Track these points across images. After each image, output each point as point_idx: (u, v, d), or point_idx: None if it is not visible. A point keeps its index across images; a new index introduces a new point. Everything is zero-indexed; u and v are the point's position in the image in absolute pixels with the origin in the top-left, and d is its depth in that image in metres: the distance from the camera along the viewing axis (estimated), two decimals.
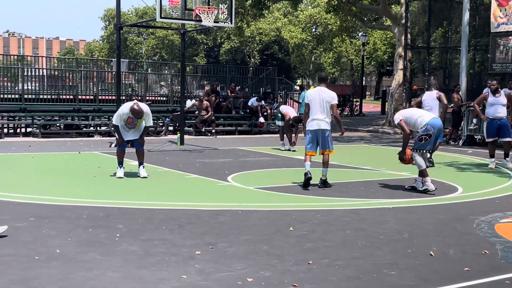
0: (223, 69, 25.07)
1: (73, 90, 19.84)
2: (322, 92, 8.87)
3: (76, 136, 17.49)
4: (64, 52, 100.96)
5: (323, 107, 8.84)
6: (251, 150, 14.66)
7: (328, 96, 8.85)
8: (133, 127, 9.66)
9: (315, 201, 7.95)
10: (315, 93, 8.90)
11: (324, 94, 8.85)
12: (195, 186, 9.03)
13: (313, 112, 8.89)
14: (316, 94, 8.88)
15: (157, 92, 23.18)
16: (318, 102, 8.83)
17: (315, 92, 8.93)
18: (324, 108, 8.85)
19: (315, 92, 8.94)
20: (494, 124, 11.78)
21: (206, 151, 14.35)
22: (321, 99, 8.83)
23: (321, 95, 8.84)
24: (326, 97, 8.84)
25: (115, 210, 7.00)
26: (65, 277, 4.49)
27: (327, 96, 8.84)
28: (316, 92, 8.92)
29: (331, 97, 8.87)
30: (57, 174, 9.91)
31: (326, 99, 8.83)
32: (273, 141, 16.85)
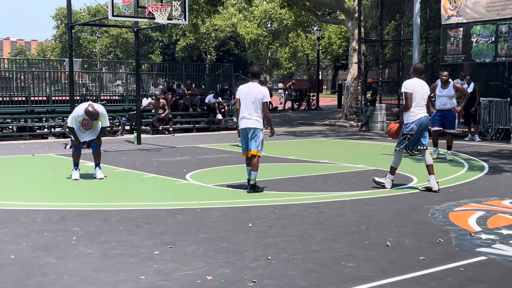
0: (179, 67, 24.94)
1: (25, 92, 19.36)
2: (253, 89, 8.26)
3: (30, 139, 17.11)
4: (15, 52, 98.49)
5: (255, 104, 8.22)
6: (209, 147, 14.62)
7: (259, 93, 8.23)
8: (89, 129, 9.51)
9: (274, 196, 7.99)
10: (246, 89, 8.29)
11: (255, 91, 8.24)
12: (153, 185, 8.96)
13: (243, 109, 8.31)
14: (247, 90, 8.27)
15: (112, 91, 22.86)
16: (249, 99, 8.22)
17: (246, 88, 8.32)
18: (255, 106, 8.22)
19: (246, 88, 8.32)
20: (439, 114, 11.93)
21: (164, 149, 14.24)
22: (252, 95, 8.23)
23: (252, 92, 8.24)
24: (257, 93, 8.22)
25: (71, 212, 6.88)
26: (20, 283, 4.39)
27: (258, 93, 8.22)
28: (247, 88, 8.31)
29: (262, 94, 8.25)
30: (11, 177, 9.67)
31: (257, 96, 8.22)
32: (231, 138, 16.85)
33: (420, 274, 4.64)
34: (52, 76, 20.57)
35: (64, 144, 14.94)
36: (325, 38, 51.20)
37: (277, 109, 33.32)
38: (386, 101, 21.94)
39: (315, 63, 52.97)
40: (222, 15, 57.42)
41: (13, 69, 21.58)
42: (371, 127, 20.39)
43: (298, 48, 57.77)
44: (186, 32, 55.02)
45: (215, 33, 60.07)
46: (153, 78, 24.09)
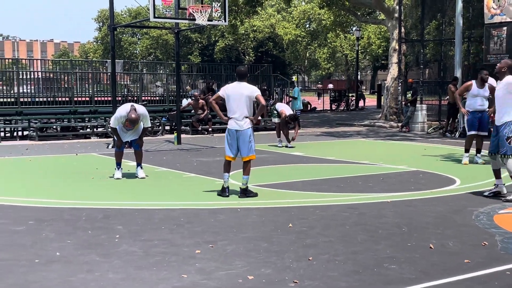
0: (218, 67, 25.06)
1: (69, 92, 19.79)
2: (241, 88, 7.93)
3: (73, 138, 17.45)
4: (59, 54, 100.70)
5: (245, 102, 7.89)
6: None
7: (246, 90, 7.91)
8: (131, 129, 9.64)
9: (314, 197, 7.95)
10: (233, 89, 7.95)
11: (243, 90, 7.91)
12: (194, 185, 9.02)
13: (232, 109, 7.91)
14: (235, 90, 7.93)
15: (152, 92, 23.16)
16: (238, 98, 7.87)
17: (232, 88, 7.98)
18: (245, 104, 7.89)
19: (233, 87, 7.98)
20: (476, 117, 11.12)
21: (203, 149, 14.33)
22: (240, 94, 7.88)
23: (239, 91, 7.90)
24: (245, 91, 7.90)
25: (114, 211, 6.99)
26: (65, 280, 4.48)
27: (246, 91, 7.90)
28: (234, 87, 7.97)
29: (250, 90, 7.93)
30: (55, 177, 9.88)
31: (245, 93, 7.88)
32: (270, 138, 16.86)
33: (464, 278, 4.54)
34: (95, 77, 20.94)
35: (106, 144, 15.19)
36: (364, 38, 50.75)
37: (315, 109, 33.19)
38: (426, 102, 21.60)
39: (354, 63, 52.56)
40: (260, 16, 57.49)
41: (57, 70, 22.08)
42: (411, 127, 20.10)
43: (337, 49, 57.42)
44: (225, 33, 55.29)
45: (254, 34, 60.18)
46: (192, 79, 24.31)
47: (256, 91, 8.03)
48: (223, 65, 24.91)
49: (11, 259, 5.02)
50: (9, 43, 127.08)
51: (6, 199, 7.72)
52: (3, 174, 10.21)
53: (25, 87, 20.17)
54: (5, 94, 19.38)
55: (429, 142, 15.95)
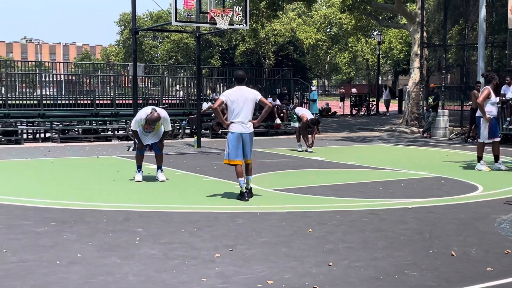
0: None
1: (90, 95, 19.97)
2: (243, 92, 8.01)
3: (94, 141, 17.61)
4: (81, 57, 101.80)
5: (249, 106, 7.98)
6: (268, 151, 14.65)
7: (250, 94, 8.02)
8: (151, 131, 9.70)
9: (334, 202, 7.91)
10: (236, 94, 7.97)
11: (246, 93, 7.99)
12: (213, 188, 9.04)
13: (237, 113, 7.96)
14: (238, 94, 7.97)
15: (173, 95, 23.28)
16: (242, 103, 7.93)
17: (235, 93, 7.99)
18: (249, 108, 7.99)
19: (235, 92, 8.00)
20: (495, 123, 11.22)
21: (223, 153, 14.33)
22: (244, 98, 7.95)
23: (243, 94, 7.97)
24: (249, 95, 7.99)
25: (134, 213, 7.03)
26: (85, 281, 4.51)
27: (249, 95, 8.00)
28: (237, 92, 7.99)
29: (253, 94, 8.05)
30: (77, 179, 9.98)
31: (250, 97, 7.98)
32: (289, 143, 16.84)
33: (487, 286, 4.48)
34: (116, 80, 21.11)
35: (127, 147, 15.30)
36: (385, 43, 50.49)
37: (335, 114, 33.07)
38: (448, 107, 21.41)
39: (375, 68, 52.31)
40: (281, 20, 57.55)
41: (79, 73, 22.34)
42: (433, 133, 19.93)
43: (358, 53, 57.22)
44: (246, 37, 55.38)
45: (274, 38, 60.23)
46: (212, 83, 24.37)
47: (258, 94, 8.13)
48: (243, 69, 24.96)
49: (33, 260, 5.07)
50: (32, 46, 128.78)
51: (28, 201, 7.81)
52: (26, 176, 10.34)
53: (47, 89, 20.43)
54: (28, 96, 19.62)
55: (451, 148, 15.80)
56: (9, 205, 7.49)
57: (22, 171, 10.96)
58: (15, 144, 16.44)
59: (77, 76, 21.48)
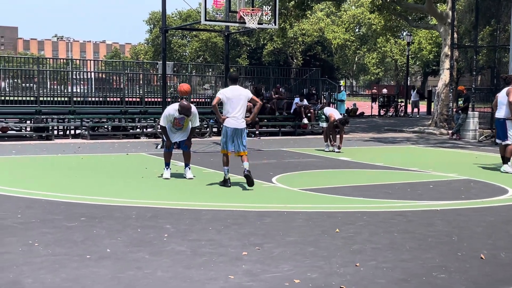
0: (266, 71, 25.08)
1: (120, 93, 20.20)
2: (237, 91, 8.90)
3: (123, 138, 17.81)
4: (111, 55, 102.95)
5: (243, 104, 8.87)
6: (295, 151, 14.65)
7: (243, 92, 8.95)
8: (180, 128, 9.78)
9: (361, 202, 7.89)
10: (231, 92, 8.87)
11: (239, 92, 8.89)
12: (240, 187, 9.08)
13: (230, 110, 8.82)
14: (232, 93, 8.87)
15: (201, 94, 23.37)
16: (236, 101, 8.82)
17: (230, 91, 8.89)
18: (243, 105, 8.87)
19: (230, 91, 8.89)
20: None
21: (250, 152, 14.38)
22: (238, 97, 8.84)
23: (236, 93, 8.86)
24: (242, 94, 8.90)
25: (163, 210, 7.11)
26: (115, 276, 4.58)
27: (242, 93, 8.92)
28: (231, 91, 8.89)
29: (245, 93, 8.99)
30: (106, 175, 10.12)
31: (244, 95, 8.91)
32: (317, 142, 16.80)
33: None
34: (145, 78, 21.30)
35: (155, 144, 15.44)
36: (415, 43, 50.01)
37: (363, 114, 32.89)
38: (479, 109, 21.12)
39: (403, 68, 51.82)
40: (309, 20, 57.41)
41: (109, 71, 22.58)
42: (462, 135, 19.69)
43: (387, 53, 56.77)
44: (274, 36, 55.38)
45: (302, 38, 60.12)
46: (240, 82, 24.45)
47: (250, 92, 9.15)
48: (271, 68, 24.89)
49: (64, 254, 5.17)
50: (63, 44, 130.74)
51: (59, 196, 7.95)
52: (57, 171, 10.52)
53: (78, 86, 20.73)
54: (59, 93, 19.93)
55: (480, 151, 15.59)
56: (41, 200, 7.63)
57: (53, 167, 11.14)
58: (46, 140, 16.72)
59: (107, 74, 21.73)
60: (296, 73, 27.83)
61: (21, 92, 19.13)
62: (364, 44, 57.82)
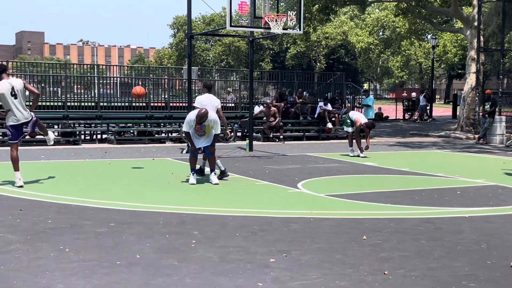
0: (290, 75, 25.12)
1: (145, 98, 20.33)
2: (211, 98, 10.49)
3: (148, 143, 17.97)
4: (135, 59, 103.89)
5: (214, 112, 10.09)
6: (319, 156, 14.64)
7: (215, 101, 10.53)
8: (203, 134, 9.84)
9: (388, 209, 7.85)
10: (206, 99, 10.40)
11: (212, 100, 10.47)
12: (266, 193, 9.11)
13: None
14: (207, 100, 10.39)
15: (224, 98, 23.44)
16: (210, 108, 10.05)
17: (205, 98, 10.43)
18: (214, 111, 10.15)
19: (206, 98, 10.44)
20: None
21: (275, 157, 14.43)
22: (211, 104, 10.30)
23: (211, 101, 10.41)
24: (214, 102, 10.48)
25: (190, 216, 7.16)
26: (145, 282, 4.64)
27: (215, 102, 10.50)
28: (207, 98, 10.44)
29: (217, 102, 10.59)
30: (133, 180, 10.22)
31: (214, 104, 10.40)
32: (341, 147, 16.76)
33: None
34: (170, 83, 21.44)
35: (180, 149, 15.55)
36: (439, 46, 49.56)
37: (387, 118, 32.66)
38: (506, 113, 20.86)
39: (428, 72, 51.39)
40: (333, 23, 57.27)
41: (134, 76, 22.78)
42: (489, 139, 19.46)
43: (411, 57, 56.34)
44: (297, 40, 55.38)
45: (326, 41, 59.98)
46: (263, 86, 24.45)
47: (219, 103, 10.67)
48: (295, 73, 24.94)
49: (94, 259, 5.25)
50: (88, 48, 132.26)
51: (87, 201, 8.06)
52: (85, 176, 10.65)
53: (103, 91, 20.96)
54: (86, 98, 20.17)
55: (508, 156, 15.39)
56: (70, 205, 7.74)
57: (81, 172, 11.29)
58: (73, 145, 16.95)
59: (132, 79, 21.91)
60: (319, 77, 27.78)
61: (48, 97, 19.41)
62: (388, 47, 57.48)
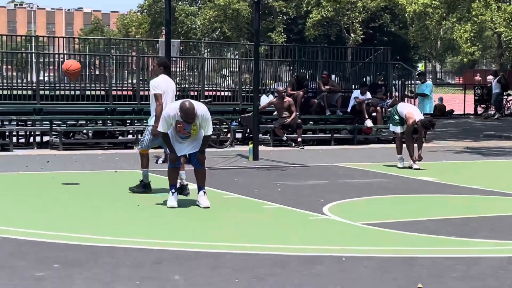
0: (312, 51, 25.05)
1: (104, 84, 20.29)
2: (170, 82, 10.72)
3: (109, 148, 17.95)
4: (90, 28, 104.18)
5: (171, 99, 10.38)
6: (354, 167, 14.65)
7: (174, 86, 10.84)
8: (188, 136, 9.76)
9: (453, 244, 7.86)
10: (166, 83, 10.51)
11: (172, 84, 10.74)
12: (278, 220, 9.10)
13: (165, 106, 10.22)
14: (167, 84, 10.53)
15: (218, 84, 23.35)
16: (171, 94, 10.46)
17: (165, 82, 10.51)
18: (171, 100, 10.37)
19: (164, 82, 10.50)
20: None
21: (290, 169, 14.41)
22: (171, 90, 10.60)
23: (171, 86, 10.66)
24: (174, 87, 10.79)
25: (168, 254, 7.17)
26: None
27: (174, 86, 10.80)
28: (166, 81, 10.55)
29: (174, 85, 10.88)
30: (88, 202, 10.22)
31: (174, 90, 10.74)
32: (386, 155, 16.75)
33: None
34: (141, 63, 21.32)
35: (155, 157, 15.51)
36: None
37: (452, 113, 32.55)
38: None
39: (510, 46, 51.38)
40: None
41: (88, 52, 22.74)
42: None
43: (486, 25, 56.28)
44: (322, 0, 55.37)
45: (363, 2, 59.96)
46: (274, 67, 24.34)
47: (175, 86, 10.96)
48: (319, 48, 24.90)
49: None
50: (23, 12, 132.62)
51: (23, 232, 8.05)
52: (19, 197, 10.65)
53: (44, 74, 20.87)
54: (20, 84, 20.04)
55: None
56: None
57: (14, 191, 11.29)
58: (2, 151, 16.93)
59: (84, 56, 21.75)
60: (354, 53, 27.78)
61: None
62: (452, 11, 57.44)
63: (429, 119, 15.02)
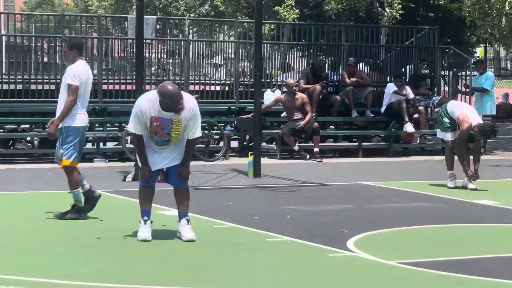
0: (333, 31, 25.11)
1: (55, 75, 20.30)
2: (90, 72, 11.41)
3: None
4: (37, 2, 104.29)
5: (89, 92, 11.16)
6: (389, 187, 14.70)
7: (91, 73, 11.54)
8: (167, 140, 9.69)
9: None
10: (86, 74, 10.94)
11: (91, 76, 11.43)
12: (286, 258, 9.10)
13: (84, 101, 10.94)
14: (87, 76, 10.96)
15: (207, 75, 23.36)
16: (90, 86, 11.08)
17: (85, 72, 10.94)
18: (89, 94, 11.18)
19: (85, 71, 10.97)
20: None
21: (302, 189, 14.43)
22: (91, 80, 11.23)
23: (91, 78, 11.30)
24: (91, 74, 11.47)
25: None
26: None
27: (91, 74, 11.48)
28: (86, 71, 11.01)
29: None
30: (32, 233, 10.23)
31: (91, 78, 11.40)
32: (432, 170, 16.79)
33: None
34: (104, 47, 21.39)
35: (122, 174, 15.55)
36: None
37: None
38: None
39: None
40: None
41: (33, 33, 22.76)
42: None
43: None
44: None
45: None
46: (282, 52, 24.39)
47: None
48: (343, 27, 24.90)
49: None
50: None
51: None
52: None
53: None
54: None
55: None
56: None
57: None
58: None
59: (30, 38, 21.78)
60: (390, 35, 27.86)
61: None
62: None
63: (490, 123, 15.01)
